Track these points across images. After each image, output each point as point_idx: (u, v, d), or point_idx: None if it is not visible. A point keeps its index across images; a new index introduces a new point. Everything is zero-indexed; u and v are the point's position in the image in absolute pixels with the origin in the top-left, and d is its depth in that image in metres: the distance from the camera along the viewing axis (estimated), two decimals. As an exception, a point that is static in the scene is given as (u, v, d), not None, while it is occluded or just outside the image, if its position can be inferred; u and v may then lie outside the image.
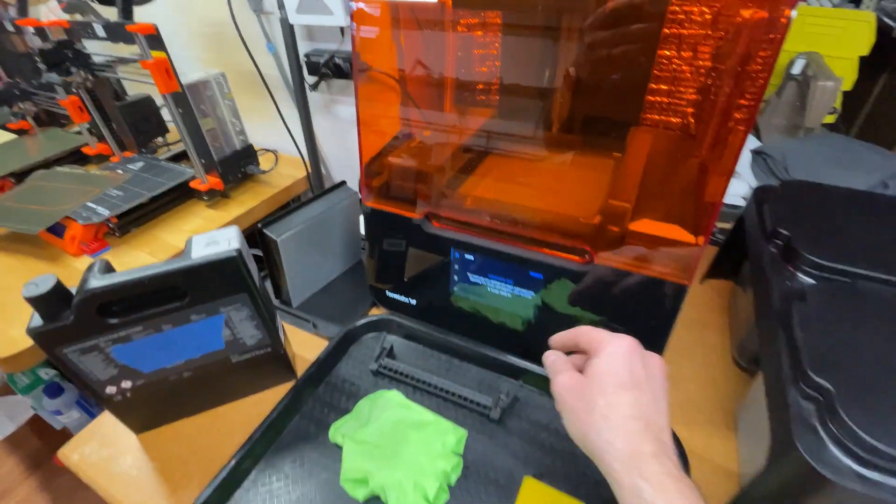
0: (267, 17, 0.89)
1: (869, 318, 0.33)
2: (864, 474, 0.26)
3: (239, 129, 0.90)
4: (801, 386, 0.30)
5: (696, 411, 0.48)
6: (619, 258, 0.41)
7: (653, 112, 0.55)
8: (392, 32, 0.53)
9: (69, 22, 0.85)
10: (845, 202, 0.46)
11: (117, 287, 0.37)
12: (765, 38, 0.40)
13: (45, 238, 0.82)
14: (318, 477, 0.43)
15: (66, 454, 0.47)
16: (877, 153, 0.85)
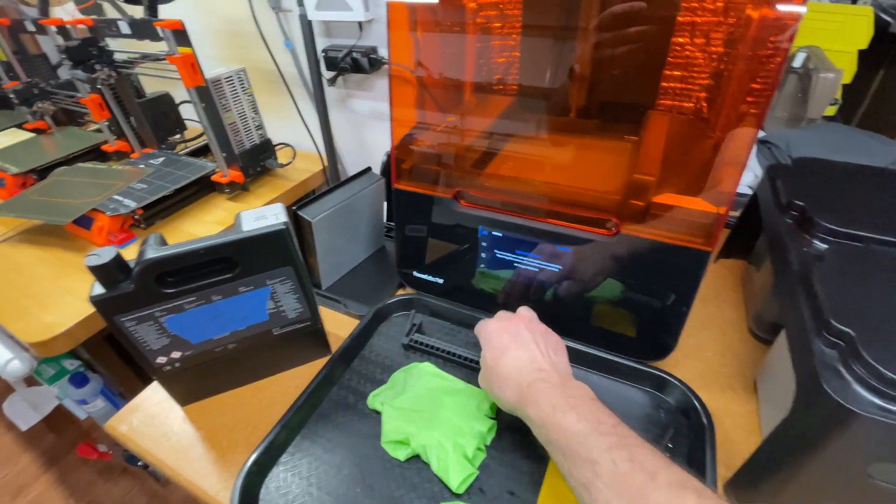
0: (285, 14, 0.91)
1: (882, 275, 0.36)
2: (886, 406, 0.28)
3: (258, 124, 0.92)
4: (825, 335, 0.32)
5: (716, 377, 0.50)
6: (646, 228, 0.44)
7: (666, 98, 0.58)
8: (416, 26, 0.56)
9: (93, 20, 0.87)
10: (854, 176, 0.49)
11: (175, 256, 0.39)
12: (776, 25, 0.42)
13: (72, 230, 0.84)
14: (359, 440, 0.45)
15: (114, 426, 0.49)
16: (878, 141, 0.88)
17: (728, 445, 0.44)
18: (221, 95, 0.84)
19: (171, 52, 0.75)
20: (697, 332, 0.55)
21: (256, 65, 0.97)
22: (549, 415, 0.33)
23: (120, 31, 0.82)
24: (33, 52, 1.25)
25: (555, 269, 0.50)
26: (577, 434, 0.31)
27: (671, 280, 0.45)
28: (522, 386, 0.37)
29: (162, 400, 0.51)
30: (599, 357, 0.50)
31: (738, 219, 0.61)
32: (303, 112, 0.95)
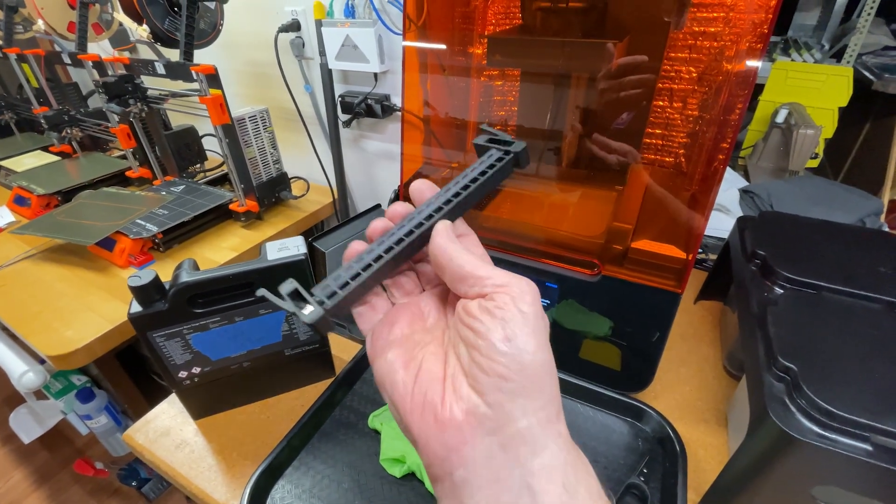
0: (307, 61, 1.00)
1: (828, 319, 0.41)
2: (823, 434, 0.32)
3: (276, 159, 0.99)
4: (773, 369, 0.37)
5: (692, 410, 0.54)
6: (624, 271, 0.49)
7: (649, 152, 0.64)
8: (421, 78, 0.63)
9: (129, 59, 0.96)
10: (813, 230, 0.55)
11: (208, 280, 0.44)
12: (740, 94, 0.49)
13: (94, 251, 0.90)
14: (359, 458, 0.49)
15: (131, 436, 0.53)
16: (856, 194, 0.94)
17: (700, 474, 0.48)
18: (244, 132, 0.91)
19: (203, 94, 0.82)
20: (676, 368, 0.60)
21: (277, 104, 1.05)
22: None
23: (156, 72, 0.90)
24: (65, 81, 1.35)
25: (545, 304, 0.55)
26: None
27: (647, 318, 0.50)
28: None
29: (177, 413, 0.55)
30: (584, 388, 0.54)
31: (715, 263, 0.66)
32: (318, 149, 1.03)
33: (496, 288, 0.20)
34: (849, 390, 0.33)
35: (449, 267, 0.22)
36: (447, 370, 0.21)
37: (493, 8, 0.64)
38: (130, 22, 0.84)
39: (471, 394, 0.19)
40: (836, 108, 1.34)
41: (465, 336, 0.21)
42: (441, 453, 0.19)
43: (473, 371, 0.19)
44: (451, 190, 0.25)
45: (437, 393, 0.20)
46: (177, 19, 0.88)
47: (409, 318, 0.24)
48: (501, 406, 0.19)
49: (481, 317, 0.20)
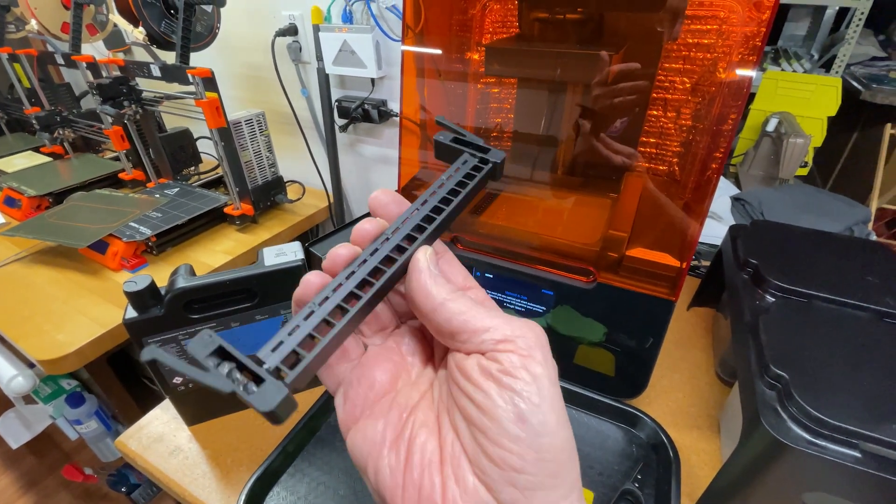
0: (304, 65, 1.00)
1: (819, 328, 0.41)
2: (814, 441, 0.33)
3: (271, 162, 0.99)
4: (765, 377, 0.38)
5: (685, 417, 0.55)
6: (619, 278, 0.50)
7: (644, 160, 0.65)
8: (420, 84, 0.64)
9: (125, 61, 0.95)
10: (804, 239, 0.56)
11: (205, 286, 0.44)
12: (733, 104, 0.50)
13: (86, 253, 0.89)
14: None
15: (123, 442, 0.52)
16: (843, 203, 0.96)
17: (693, 480, 0.48)
18: (240, 136, 0.91)
19: (199, 97, 0.82)
20: (670, 374, 0.60)
21: (273, 107, 1.05)
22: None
23: (151, 74, 0.90)
24: (57, 82, 1.34)
25: (540, 310, 0.56)
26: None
27: (642, 325, 0.51)
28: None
29: (170, 419, 0.54)
30: (580, 394, 0.55)
31: (707, 270, 0.67)
32: (314, 153, 1.03)
33: (497, 344, 0.16)
34: (838, 398, 0.34)
35: (434, 316, 0.18)
36: (444, 450, 0.17)
37: (491, 17, 0.65)
38: (126, 24, 0.84)
39: (477, 487, 0.16)
40: (825, 117, 1.36)
41: (464, 408, 0.17)
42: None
43: (479, 459, 0.16)
44: (428, 204, 0.20)
45: (436, 485, 0.16)
46: (173, 22, 0.88)
47: (390, 369, 0.19)
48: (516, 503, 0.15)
49: (484, 384, 0.16)
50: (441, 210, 0.19)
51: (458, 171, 0.22)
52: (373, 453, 0.17)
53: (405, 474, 0.17)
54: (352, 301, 0.17)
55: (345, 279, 0.17)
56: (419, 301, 0.18)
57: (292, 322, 0.16)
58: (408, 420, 0.18)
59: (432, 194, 0.20)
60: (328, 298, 0.17)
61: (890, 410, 0.33)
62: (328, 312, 0.16)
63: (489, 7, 0.65)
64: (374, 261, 0.18)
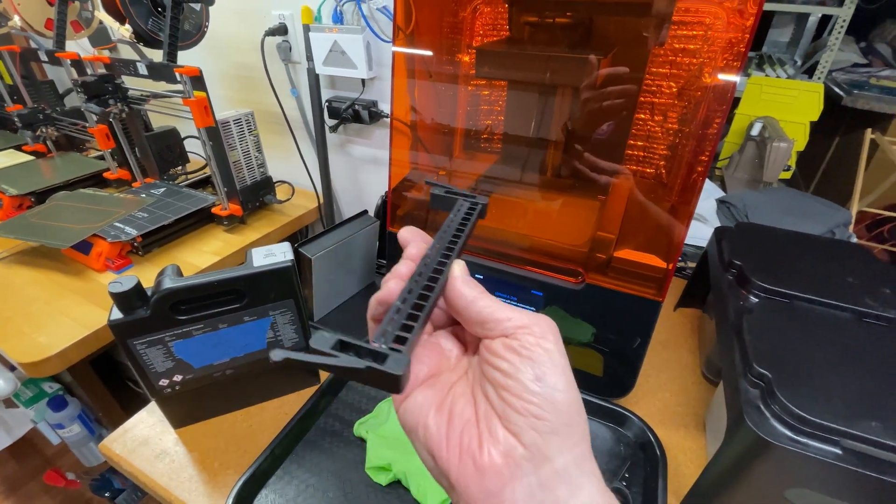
0: (293, 66, 1.00)
1: (800, 328, 0.42)
2: (796, 438, 0.34)
3: (260, 162, 0.98)
4: (749, 376, 0.38)
5: (672, 416, 0.56)
6: (607, 279, 0.50)
7: (631, 163, 0.66)
8: (411, 85, 0.64)
9: (110, 58, 0.94)
10: (787, 241, 0.57)
11: (192, 287, 0.43)
12: (718, 109, 0.51)
13: (69, 254, 0.87)
14: (344, 466, 0.49)
15: (107, 446, 0.52)
16: (825, 206, 0.98)
17: (679, 478, 0.49)
18: (229, 135, 0.90)
19: (187, 96, 0.81)
20: (657, 374, 0.61)
21: (262, 107, 1.04)
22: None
23: (137, 72, 0.89)
24: (40, 79, 1.31)
25: (531, 310, 0.56)
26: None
27: (630, 325, 0.51)
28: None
29: (156, 422, 0.54)
30: (568, 393, 0.55)
31: (693, 272, 0.68)
32: (303, 153, 1.02)
33: (517, 329, 0.21)
34: (820, 396, 0.35)
35: (468, 310, 0.22)
36: (478, 412, 0.21)
37: (481, 20, 0.66)
38: (112, 21, 0.83)
39: (507, 436, 0.19)
40: (808, 122, 1.39)
41: (492, 377, 0.20)
42: (480, 497, 0.19)
43: (506, 412, 0.19)
44: (448, 234, 0.27)
45: (473, 437, 0.20)
46: (160, 20, 0.87)
47: (434, 356, 0.23)
48: (538, 446, 0.19)
49: (508, 356, 0.20)
50: (458, 239, 0.27)
51: (459, 212, 0.29)
52: (421, 417, 0.21)
53: (448, 431, 0.20)
54: (424, 298, 0.22)
55: (415, 284, 0.22)
56: (457, 300, 0.22)
57: (388, 316, 0.20)
58: (448, 393, 0.22)
59: (447, 229, 0.27)
60: (406, 300, 0.21)
61: (869, 408, 0.33)
62: (412, 306, 0.21)
63: (479, 10, 0.65)
64: (428, 272, 0.23)
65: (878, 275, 0.49)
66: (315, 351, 0.18)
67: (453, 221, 0.28)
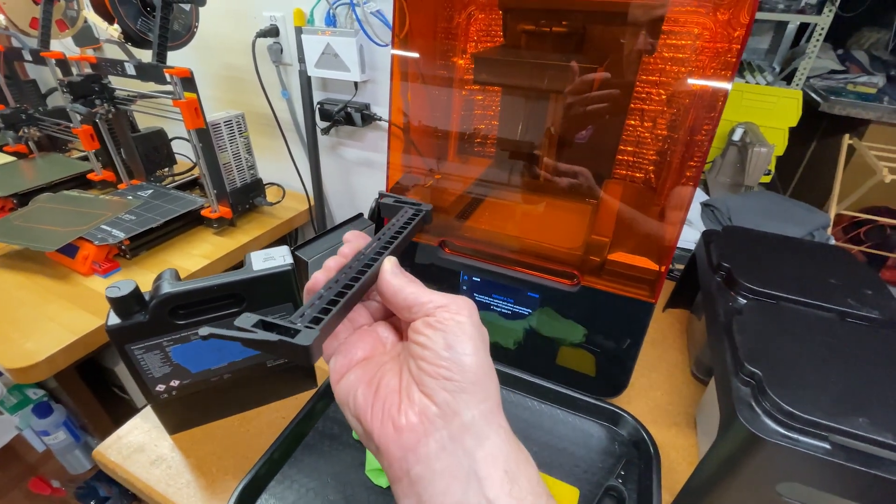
0: (285, 67, 0.99)
1: (788, 327, 0.44)
2: (787, 434, 0.35)
3: (251, 164, 0.98)
4: (740, 374, 0.40)
5: (663, 414, 0.57)
6: (602, 281, 0.51)
7: (621, 168, 0.68)
8: (408, 89, 0.64)
9: (97, 58, 0.92)
10: (772, 244, 0.59)
11: (191, 291, 0.43)
12: (707, 116, 0.53)
13: (54, 257, 0.85)
14: (343, 469, 0.49)
15: (102, 452, 0.51)
16: (804, 209, 1.01)
17: (672, 474, 0.50)
18: (219, 137, 0.89)
19: (178, 97, 0.80)
20: (648, 373, 0.62)
21: (252, 108, 1.03)
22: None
23: (125, 72, 0.87)
24: (22, 78, 1.28)
25: (526, 313, 0.57)
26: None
27: (623, 326, 0.52)
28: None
29: (151, 428, 0.53)
30: (563, 394, 0.56)
31: (682, 273, 0.70)
32: (294, 155, 1.02)
33: (437, 308, 0.23)
34: (808, 393, 0.36)
35: (396, 298, 0.25)
36: (402, 383, 0.23)
37: (475, 26, 0.66)
38: (101, 21, 0.81)
39: (422, 398, 0.22)
40: (787, 127, 1.43)
41: (413, 351, 0.23)
42: (399, 454, 0.21)
43: (422, 378, 0.22)
44: (387, 235, 0.30)
45: (394, 403, 0.22)
46: (150, 20, 0.86)
47: (370, 342, 0.26)
48: (448, 403, 0.21)
49: (425, 331, 0.23)
50: (395, 239, 0.29)
51: (402, 217, 0.33)
52: (352, 390, 0.24)
53: (374, 399, 0.23)
54: (349, 287, 0.24)
55: (342, 275, 0.25)
56: (386, 289, 0.25)
57: (310, 301, 0.23)
58: (379, 370, 0.24)
59: (386, 232, 0.30)
60: (331, 288, 0.24)
61: (855, 405, 0.35)
62: (335, 294, 0.24)
63: (474, 16, 0.66)
64: (358, 265, 0.26)
65: (859, 276, 0.51)
66: (239, 328, 0.20)
67: (394, 225, 0.31)
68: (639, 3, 0.52)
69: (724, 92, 0.46)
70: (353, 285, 0.24)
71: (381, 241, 0.29)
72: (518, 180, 0.68)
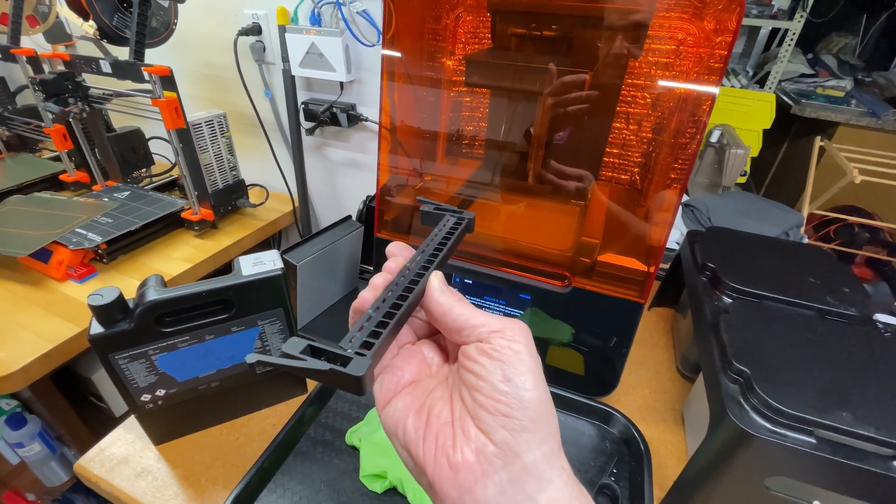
0: (268, 66, 0.97)
1: (773, 326, 0.45)
2: (774, 430, 0.36)
3: (233, 165, 0.96)
4: (728, 372, 0.41)
5: (651, 411, 0.58)
6: (592, 282, 0.52)
7: (607, 170, 0.69)
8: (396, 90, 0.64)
9: (70, 56, 0.89)
10: (755, 244, 0.61)
11: (178, 298, 0.42)
12: (691, 119, 0.54)
13: (27, 263, 0.82)
14: (337, 475, 0.48)
15: (84, 465, 0.49)
16: (779, 209, 1.05)
17: (662, 470, 0.51)
18: (200, 137, 0.87)
19: (157, 96, 0.78)
20: (636, 371, 0.64)
21: (234, 108, 1.01)
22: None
23: (100, 70, 0.84)
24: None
25: (518, 314, 0.57)
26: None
27: (613, 326, 0.53)
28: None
29: (135, 439, 0.51)
30: (555, 393, 0.57)
31: (666, 273, 0.72)
32: (278, 156, 1.00)
33: (491, 333, 0.22)
34: (794, 390, 0.37)
35: (445, 318, 0.23)
36: (454, 414, 0.22)
37: (463, 27, 0.66)
38: (75, 17, 0.78)
39: (478, 434, 0.20)
40: (761, 129, 1.48)
41: (466, 380, 0.22)
42: (454, 495, 0.20)
43: (478, 412, 0.20)
44: (430, 247, 0.27)
45: (448, 437, 0.21)
46: (126, 16, 0.83)
47: (416, 364, 0.25)
48: (507, 443, 0.20)
49: (480, 359, 0.21)
50: (440, 251, 0.27)
51: (444, 226, 0.30)
52: (401, 419, 0.22)
53: (426, 431, 0.21)
54: (397, 307, 0.23)
55: (389, 294, 0.23)
56: (434, 308, 0.23)
57: (358, 323, 0.22)
58: (428, 397, 0.23)
59: (429, 243, 0.28)
60: (379, 308, 0.22)
61: (838, 400, 0.36)
62: (384, 314, 0.22)
63: (462, 18, 0.66)
64: (405, 283, 0.24)
65: (836, 275, 0.53)
66: (286, 355, 0.19)
67: (437, 235, 0.29)
68: (626, 9, 0.52)
69: (711, 96, 0.47)
70: (402, 304, 0.23)
71: (426, 254, 0.27)
72: (508, 182, 0.69)
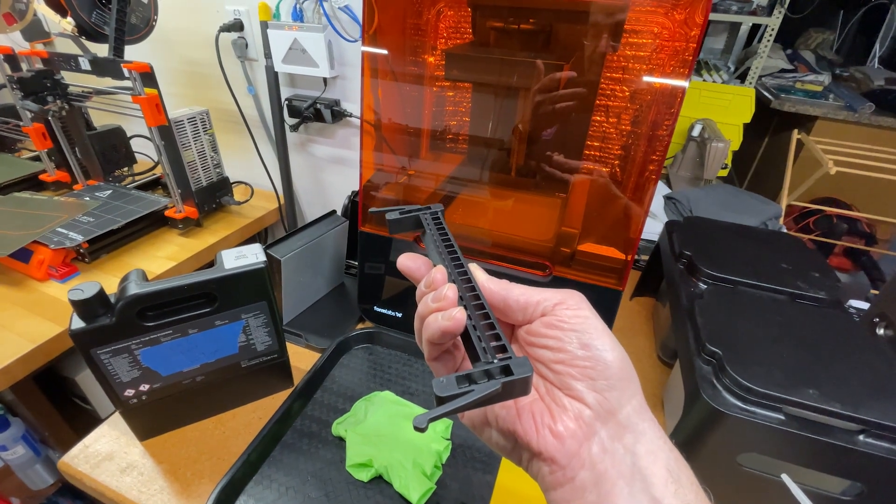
0: (250, 63, 0.97)
1: (744, 309, 0.47)
2: (745, 407, 0.38)
3: (216, 163, 0.95)
4: (702, 354, 0.42)
5: (633, 398, 0.59)
6: (572, 271, 0.53)
7: (588, 162, 0.70)
8: (377, 85, 0.64)
9: (49, 53, 0.87)
10: (729, 232, 0.62)
11: (160, 292, 0.42)
12: (667, 112, 0.55)
13: (6, 263, 0.81)
14: (324, 466, 0.49)
15: (67, 463, 0.49)
16: (759, 201, 1.07)
17: (642, 454, 0.52)
18: (183, 135, 0.87)
19: (137, 93, 0.77)
20: (618, 360, 0.65)
21: (217, 105, 1.00)
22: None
23: (79, 67, 0.83)
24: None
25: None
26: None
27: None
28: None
29: (120, 435, 0.51)
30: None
31: (647, 263, 0.73)
32: (262, 152, 0.99)
33: (555, 306, 0.22)
34: (764, 369, 0.39)
35: (507, 302, 0.24)
36: (539, 391, 0.22)
37: (445, 22, 0.67)
38: (53, 14, 0.77)
39: (572, 402, 0.21)
40: (742, 123, 1.51)
41: (542, 356, 0.22)
42: (564, 462, 0.21)
43: (566, 381, 0.21)
44: (442, 248, 0.27)
45: (544, 412, 0.22)
46: (105, 13, 0.82)
47: None
48: (601, 404, 0.21)
49: (551, 333, 0.22)
50: (453, 248, 0.27)
51: (430, 226, 0.29)
52: (490, 410, 0.23)
53: (518, 413, 0.22)
54: (481, 308, 0.23)
55: (469, 304, 0.23)
56: (494, 296, 0.24)
57: (473, 338, 0.22)
58: None
59: (437, 247, 0.28)
60: (471, 317, 0.22)
61: (805, 378, 0.38)
62: (481, 318, 0.22)
63: (443, 13, 0.67)
64: (465, 292, 0.24)
65: (807, 261, 0.55)
66: (448, 398, 0.19)
67: (434, 236, 0.28)
68: (602, 3, 0.53)
69: (682, 89, 0.48)
70: (485, 306, 0.23)
71: (444, 255, 0.27)
72: (490, 176, 0.70)
